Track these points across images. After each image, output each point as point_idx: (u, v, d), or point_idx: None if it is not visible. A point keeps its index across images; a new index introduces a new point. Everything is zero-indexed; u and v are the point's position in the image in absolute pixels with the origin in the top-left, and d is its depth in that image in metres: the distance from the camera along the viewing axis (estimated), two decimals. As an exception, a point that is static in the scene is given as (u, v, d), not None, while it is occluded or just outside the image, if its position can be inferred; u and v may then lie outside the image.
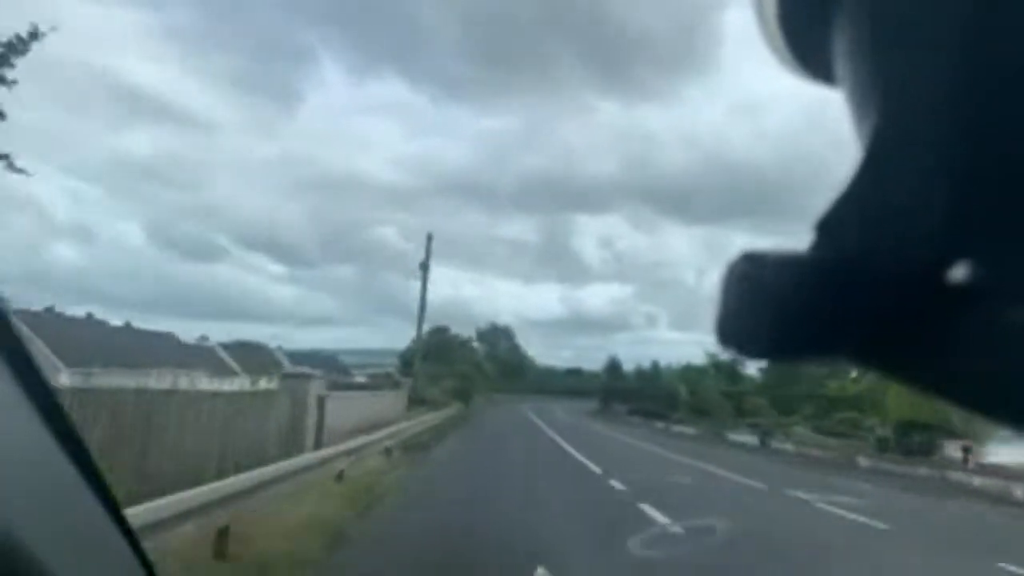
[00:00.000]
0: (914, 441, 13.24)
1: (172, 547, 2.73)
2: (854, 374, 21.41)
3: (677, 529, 5.37)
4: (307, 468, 5.26)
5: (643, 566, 4.35)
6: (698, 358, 34.23)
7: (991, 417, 0.22)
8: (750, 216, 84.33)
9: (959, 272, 0.22)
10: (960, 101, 0.21)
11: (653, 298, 76.39)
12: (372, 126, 76.18)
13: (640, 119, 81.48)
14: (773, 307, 0.23)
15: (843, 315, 0.23)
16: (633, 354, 76.13)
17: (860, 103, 0.24)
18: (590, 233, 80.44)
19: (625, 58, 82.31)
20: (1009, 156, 0.20)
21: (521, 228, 77.51)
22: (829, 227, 0.23)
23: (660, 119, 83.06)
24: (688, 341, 76.39)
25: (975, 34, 0.20)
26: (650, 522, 5.17)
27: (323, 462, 5.97)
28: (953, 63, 0.21)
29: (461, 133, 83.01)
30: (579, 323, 65.56)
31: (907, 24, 0.22)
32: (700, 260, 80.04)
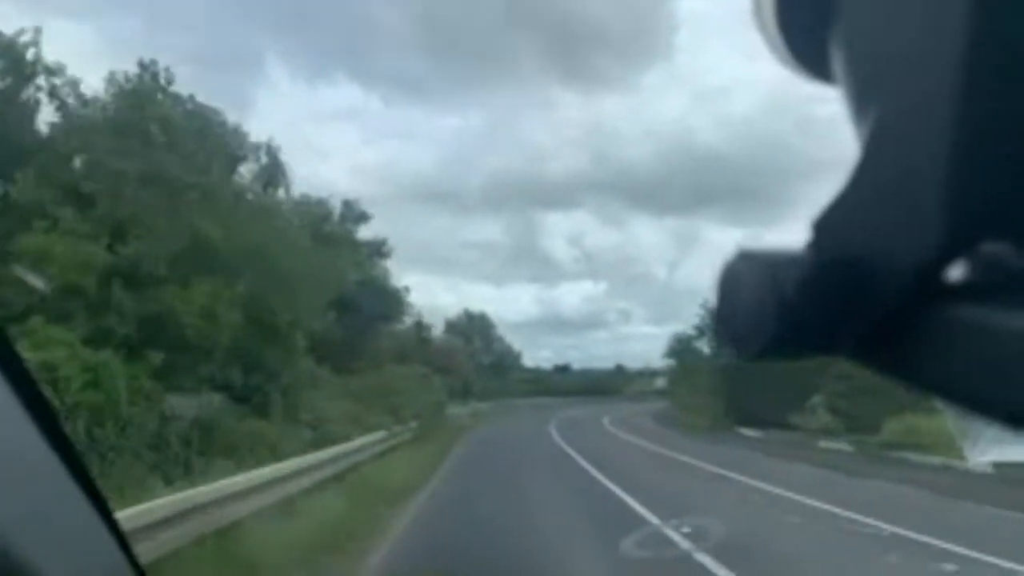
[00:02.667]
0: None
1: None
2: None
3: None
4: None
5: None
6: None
7: (989, 416, 0.24)
8: (718, 205, 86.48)
9: (957, 271, 0.24)
10: (958, 100, 0.22)
11: (626, 294, 78.67)
12: (329, 133, 74.12)
13: (603, 111, 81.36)
14: (770, 306, 0.25)
15: (840, 314, 0.25)
16: (611, 351, 79.73)
17: (858, 102, 0.25)
18: (559, 231, 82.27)
19: (584, 48, 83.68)
20: (1008, 155, 0.22)
21: (490, 230, 78.03)
22: (826, 226, 0.25)
23: (623, 110, 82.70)
24: (665, 335, 79.24)
25: (973, 34, 0.21)
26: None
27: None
28: (951, 63, 0.22)
29: (421, 135, 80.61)
30: (555, 323, 69.23)
31: (904, 24, 0.24)
32: (670, 253, 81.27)
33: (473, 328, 45.30)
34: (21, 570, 0.49)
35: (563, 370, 52.21)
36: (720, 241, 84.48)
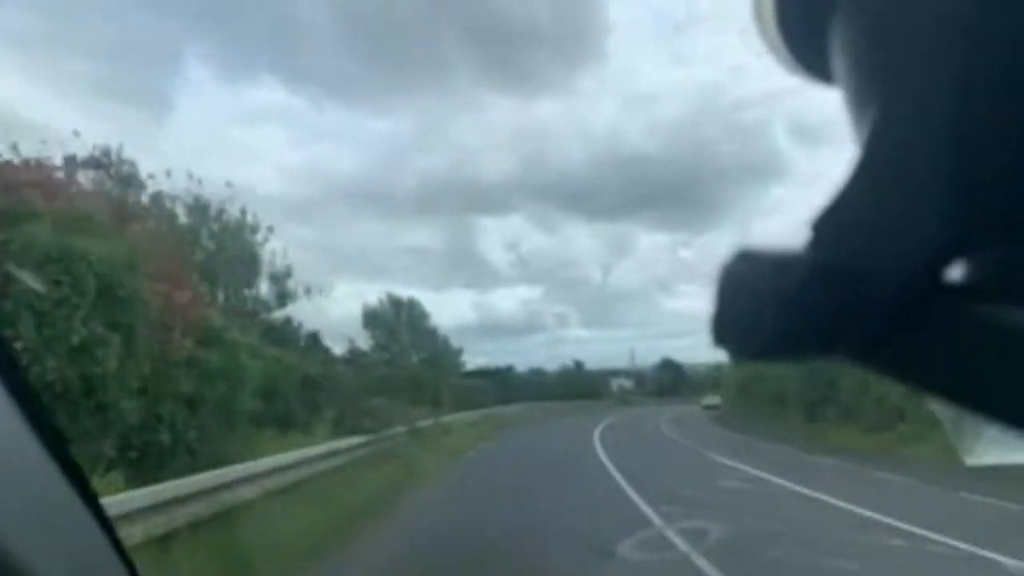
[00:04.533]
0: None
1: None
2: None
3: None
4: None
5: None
6: (616, 358, 41.72)
7: (990, 417, 0.27)
8: (651, 209, 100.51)
9: (956, 272, 0.27)
10: (958, 101, 0.25)
11: (562, 298, 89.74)
12: (253, 134, 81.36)
13: (535, 114, 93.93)
14: (769, 307, 0.28)
15: (840, 314, 0.28)
16: (553, 354, 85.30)
17: (858, 103, 0.29)
18: (495, 236, 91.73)
19: (515, 51, 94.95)
20: (1007, 156, 0.25)
21: (424, 235, 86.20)
22: (825, 226, 0.28)
23: (555, 113, 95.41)
24: (601, 339, 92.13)
25: (973, 35, 0.25)
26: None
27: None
28: (951, 64, 0.25)
29: (350, 137, 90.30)
30: (492, 328, 75.61)
31: (905, 25, 0.27)
32: (605, 257, 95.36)
33: (399, 315, 43.01)
34: (12, 570, 0.55)
35: (504, 372, 54.25)
36: (651, 245, 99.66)
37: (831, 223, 0.28)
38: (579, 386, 57.45)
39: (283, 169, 76.46)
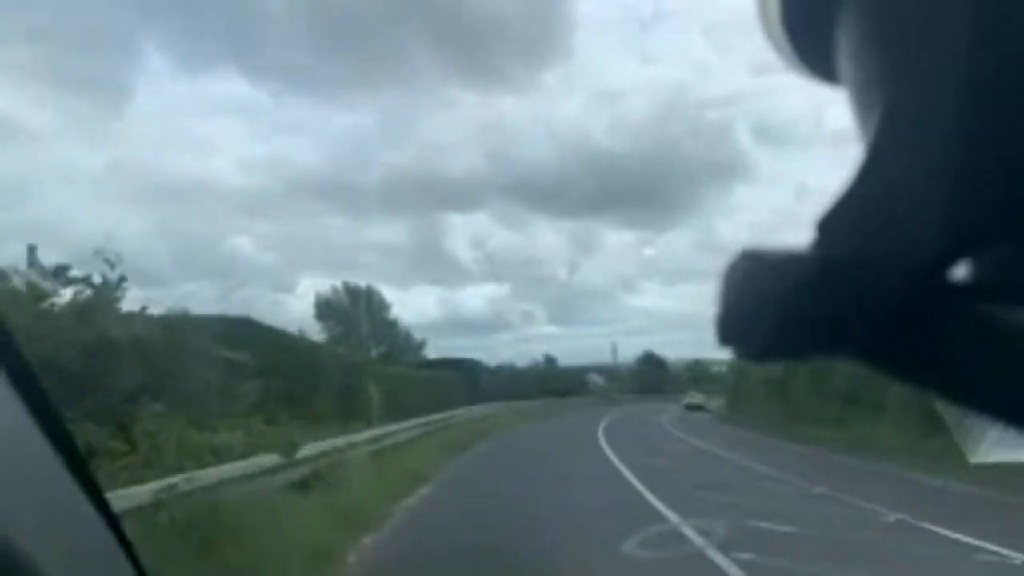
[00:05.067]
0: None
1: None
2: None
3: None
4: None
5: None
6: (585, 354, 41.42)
7: (990, 416, 0.29)
8: (617, 207, 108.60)
9: (959, 271, 0.29)
10: (962, 101, 0.27)
11: (528, 295, 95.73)
12: (215, 126, 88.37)
13: (502, 111, 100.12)
14: (773, 306, 0.30)
15: (843, 314, 0.30)
16: (520, 352, 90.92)
17: (862, 102, 0.31)
18: (461, 233, 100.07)
19: (481, 45, 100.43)
20: (1010, 156, 0.27)
21: (390, 230, 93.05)
22: (830, 226, 0.30)
23: (522, 110, 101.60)
24: (567, 335, 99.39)
25: (978, 34, 0.26)
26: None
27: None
28: (956, 64, 0.27)
29: (314, 131, 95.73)
30: (459, 325, 79.38)
31: (910, 24, 0.29)
32: (571, 255, 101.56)
33: (356, 308, 40.27)
34: (22, 568, 0.59)
35: (471, 363, 48.85)
36: (617, 243, 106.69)
37: (835, 222, 0.31)
38: (555, 382, 56.96)
39: (244, 162, 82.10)
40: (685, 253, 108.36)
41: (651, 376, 73.07)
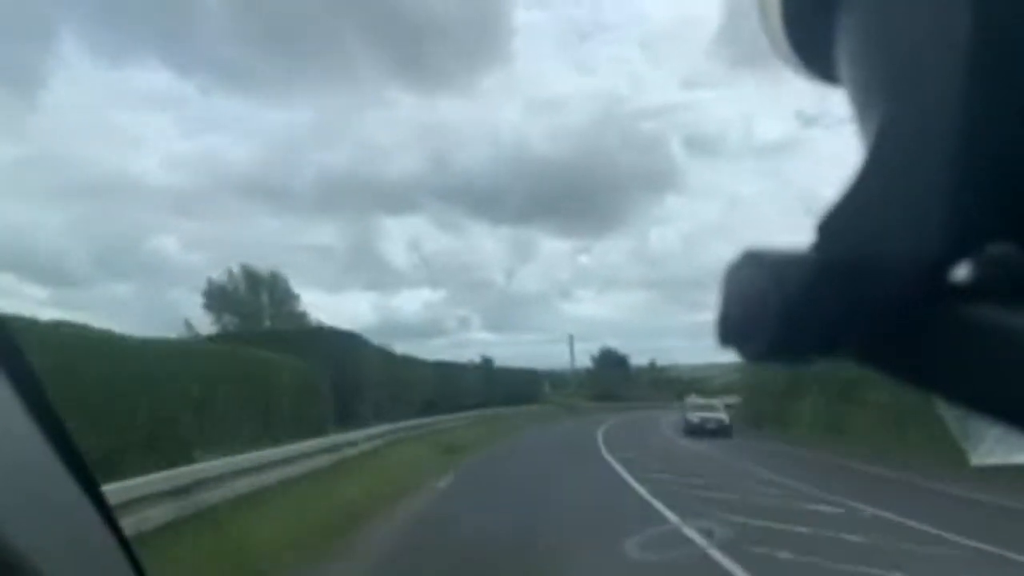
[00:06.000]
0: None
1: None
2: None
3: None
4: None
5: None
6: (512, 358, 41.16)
7: (994, 417, 0.33)
8: (553, 215, 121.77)
9: (962, 271, 0.33)
10: (962, 102, 0.30)
11: (465, 301, 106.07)
12: (138, 120, 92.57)
13: (441, 113, 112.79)
14: (774, 307, 0.35)
15: (845, 315, 0.34)
16: (456, 357, 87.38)
17: (863, 103, 0.36)
18: (397, 236, 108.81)
19: (419, 45, 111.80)
20: (1011, 156, 0.30)
21: (323, 232, 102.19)
22: (831, 226, 0.35)
23: (461, 113, 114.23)
24: (503, 342, 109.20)
25: (978, 34, 0.30)
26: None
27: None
28: (956, 64, 0.31)
29: (246, 128, 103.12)
30: (394, 330, 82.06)
31: (910, 25, 0.33)
32: (508, 261, 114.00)
33: (257, 297, 38.51)
34: (20, 569, 0.65)
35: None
36: (553, 250, 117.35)
37: (836, 224, 0.35)
38: (506, 386, 47.82)
39: (171, 159, 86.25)
40: (619, 261, 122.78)
41: (611, 379, 72.59)
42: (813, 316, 0.35)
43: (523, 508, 11.53)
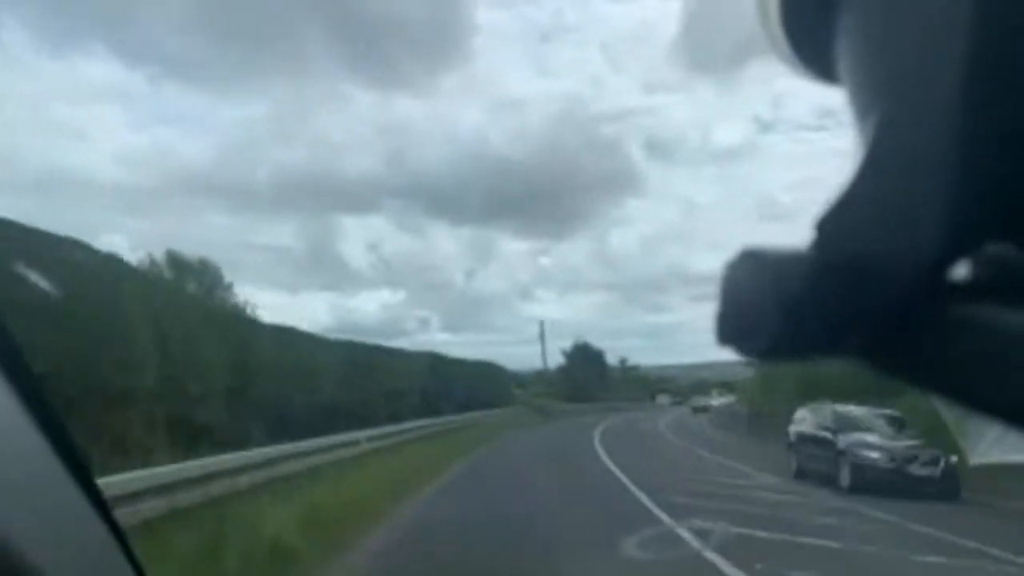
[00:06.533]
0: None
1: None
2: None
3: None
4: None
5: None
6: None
7: (993, 416, 0.36)
8: (514, 216, 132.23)
9: (961, 270, 0.36)
10: (961, 101, 0.33)
11: (425, 302, 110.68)
12: (85, 112, 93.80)
13: (400, 112, 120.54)
14: (773, 306, 0.37)
15: (843, 314, 0.37)
16: None
17: (862, 103, 0.39)
18: (356, 236, 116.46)
19: (378, 41, 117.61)
20: (1009, 156, 0.33)
21: (279, 232, 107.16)
22: (830, 225, 0.37)
23: (421, 113, 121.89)
24: (462, 342, 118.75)
25: (977, 35, 0.32)
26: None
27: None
28: (955, 63, 0.33)
29: (197, 122, 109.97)
30: (352, 332, 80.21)
31: (909, 25, 0.36)
32: (469, 262, 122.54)
33: (183, 287, 35.66)
34: (18, 569, 0.69)
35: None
36: (513, 251, 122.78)
37: (835, 222, 0.38)
38: (462, 386, 38.20)
39: (121, 154, 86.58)
40: (580, 263, 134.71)
41: (586, 377, 71.56)
42: (812, 315, 0.37)
43: None
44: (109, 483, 8.07)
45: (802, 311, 0.37)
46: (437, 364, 36.33)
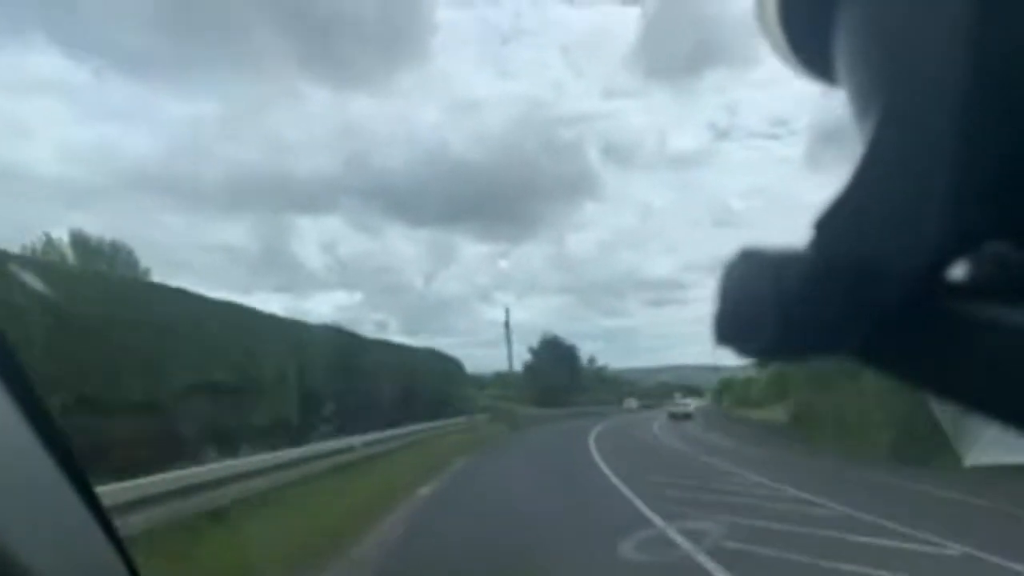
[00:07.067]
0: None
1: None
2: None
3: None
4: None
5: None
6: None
7: (991, 416, 0.38)
8: (474, 219, 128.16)
9: (960, 270, 0.38)
10: (960, 101, 0.35)
11: (382, 304, 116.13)
12: (26, 106, 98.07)
13: (356, 111, 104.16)
14: (771, 306, 0.40)
15: (842, 314, 0.40)
16: None
17: (861, 102, 0.42)
18: (311, 236, 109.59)
19: (333, 37, 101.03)
20: (1008, 156, 0.35)
21: (232, 231, 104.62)
22: (828, 225, 0.40)
23: (377, 112, 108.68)
24: (422, 345, 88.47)
25: (976, 34, 0.35)
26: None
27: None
28: (954, 63, 0.35)
29: (145, 118, 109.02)
30: None
31: (908, 25, 0.38)
32: (427, 264, 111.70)
33: (80, 262, 31.37)
34: (14, 570, 0.76)
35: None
36: (473, 254, 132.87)
37: (833, 222, 0.40)
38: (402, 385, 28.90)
39: (65, 149, 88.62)
40: (538, 266, 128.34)
41: (557, 376, 69.01)
42: (811, 315, 0.40)
43: None
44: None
45: (801, 311, 0.40)
46: (348, 345, 24.76)
